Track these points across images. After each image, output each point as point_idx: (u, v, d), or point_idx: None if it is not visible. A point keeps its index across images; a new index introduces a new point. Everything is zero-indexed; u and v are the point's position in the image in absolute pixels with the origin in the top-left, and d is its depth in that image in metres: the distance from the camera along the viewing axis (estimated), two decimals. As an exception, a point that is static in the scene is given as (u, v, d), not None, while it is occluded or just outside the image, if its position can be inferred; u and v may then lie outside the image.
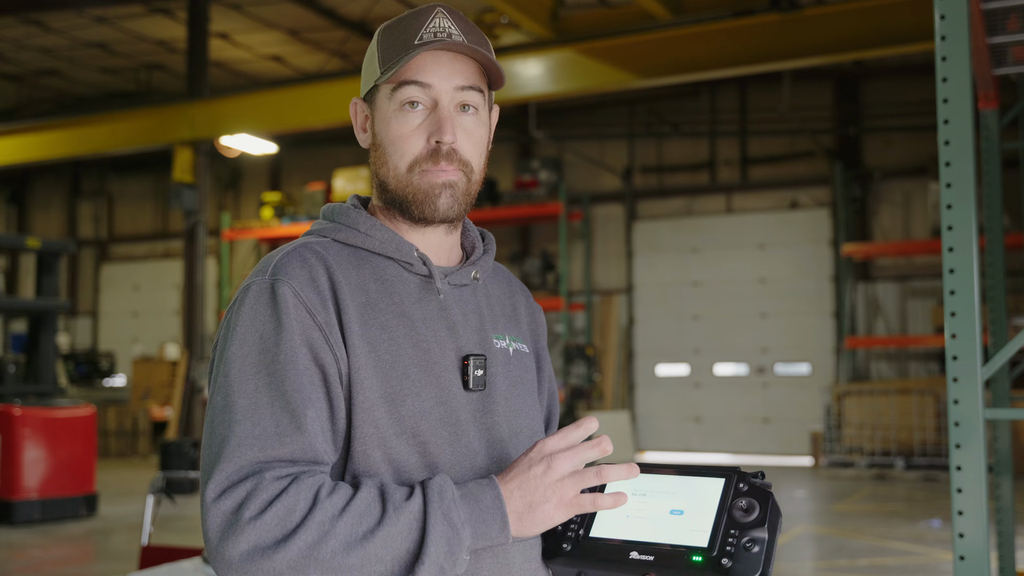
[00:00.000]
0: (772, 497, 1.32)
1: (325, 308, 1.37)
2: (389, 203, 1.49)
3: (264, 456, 1.28)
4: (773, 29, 10.14)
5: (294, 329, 1.34)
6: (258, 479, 1.26)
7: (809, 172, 15.97)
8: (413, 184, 1.45)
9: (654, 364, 16.76)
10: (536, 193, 15.92)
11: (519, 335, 1.60)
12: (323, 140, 18.02)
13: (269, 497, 1.25)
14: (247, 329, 1.36)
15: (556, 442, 1.32)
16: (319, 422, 1.33)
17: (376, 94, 1.48)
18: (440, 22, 1.45)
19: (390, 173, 1.47)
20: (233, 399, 1.32)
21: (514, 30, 11.98)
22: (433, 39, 1.43)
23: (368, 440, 1.36)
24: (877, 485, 12.19)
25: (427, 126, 1.45)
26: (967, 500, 2.33)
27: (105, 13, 14.31)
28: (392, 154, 1.46)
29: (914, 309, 15.31)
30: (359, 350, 1.37)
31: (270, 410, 1.30)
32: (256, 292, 1.37)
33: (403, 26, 1.46)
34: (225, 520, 1.25)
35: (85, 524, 9.39)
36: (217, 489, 1.26)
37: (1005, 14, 3.38)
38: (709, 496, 1.34)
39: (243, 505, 1.24)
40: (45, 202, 22.21)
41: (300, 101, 12.68)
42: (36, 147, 14.54)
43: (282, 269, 1.38)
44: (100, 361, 19.02)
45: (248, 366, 1.33)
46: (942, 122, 2.40)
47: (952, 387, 2.36)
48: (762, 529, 1.29)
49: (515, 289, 1.66)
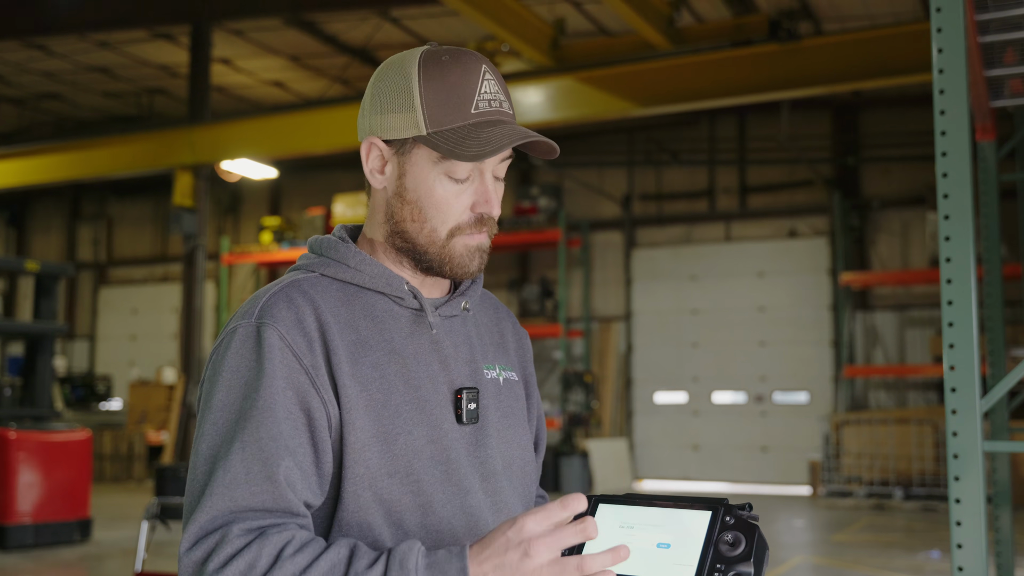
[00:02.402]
0: (758, 530, 1.31)
1: (312, 351, 1.35)
2: (404, 252, 1.47)
3: (235, 506, 1.28)
4: (772, 59, 10.21)
5: (277, 374, 1.33)
6: (225, 531, 1.26)
7: (808, 201, 16.01)
8: (450, 248, 1.44)
9: (652, 392, 16.72)
10: (535, 220, 15.95)
11: (508, 363, 1.59)
12: (323, 165, 18.07)
13: (232, 551, 1.24)
14: (231, 375, 1.35)
15: (537, 524, 1.20)
16: (297, 470, 1.31)
17: (412, 148, 1.43)
18: (490, 87, 1.44)
19: (423, 233, 1.44)
20: (215, 448, 1.32)
21: (515, 58, 12.05)
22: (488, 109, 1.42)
23: (359, 481, 1.35)
24: (876, 515, 12.13)
25: (472, 195, 1.44)
26: (966, 533, 2.32)
27: (108, 38, 14.39)
28: (432, 216, 1.43)
29: (912, 338, 15.30)
30: (350, 390, 1.36)
31: (241, 457, 1.29)
32: (242, 336, 1.36)
33: (451, 83, 1.41)
34: (194, 571, 1.26)
35: (79, 549, 9.32)
36: (190, 539, 1.27)
37: (1002, 47, 3.41)
38: (695, 529, 1.33)
39: (210, 557, 1.25)
40: (45, 225, 22.23)
41: (301, 126, 12.72)
42: (37, 170, 14.57)
43: (268, 312, 1.36)
44: (97, 385, 18.96)
45: (231, 413, 1.33)
46: (940, 154, 2.41)
47: (951, 419, 2.36)
48: (748, 564, 1.28)
49: (501, 315, 1.65)
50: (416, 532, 1.37)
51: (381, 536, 1.36)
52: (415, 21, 13.45)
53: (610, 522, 1.39)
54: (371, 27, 13.68)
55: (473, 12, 9.75)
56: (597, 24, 13.25)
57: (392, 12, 13.17)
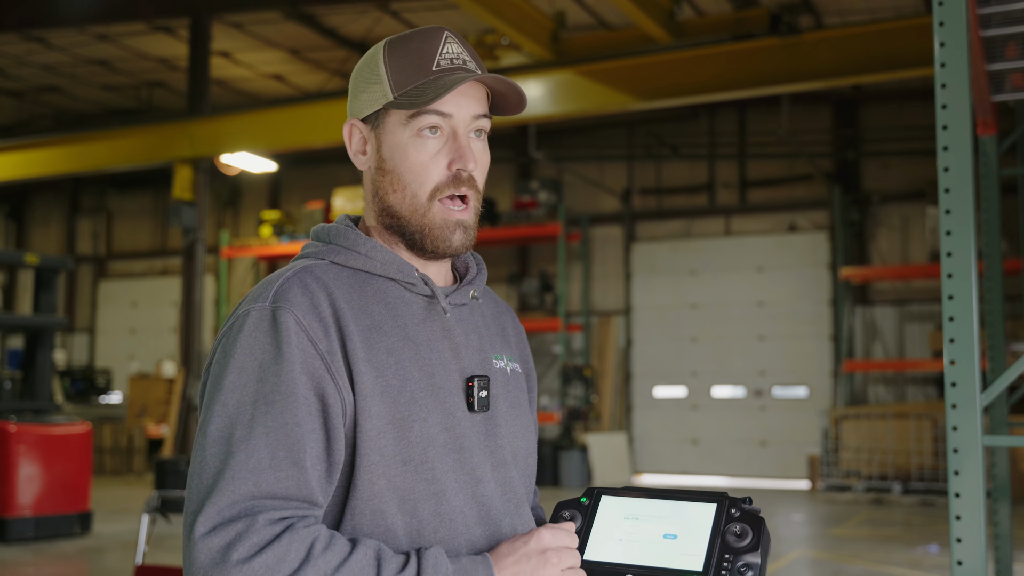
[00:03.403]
0: (764, 523, 1.33)
1: (327, 336, 1.34)
2: (394, 230, 1.47)
3: (258, 491, 1.25)
4: (772, 53, 10.20)
5: (295, 359, 1.31)
6: (251, 520, 1.22)
7: (807, 195, 16.00)
8: (431, 214, 1.44)
9: (652, 386, 16.73)
10: (535, 214, 15.94)
11: (511, 354, 1.60)
12: (322, 159, 18.05)
13: (261, 542, 1.21)
14: (246, 357, 1.32)
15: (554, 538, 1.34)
16: (317, 457, 1.30)
17: (384, 117, 1.45)
18: (452, 47, 1.44)
19: (406, 201, 1.44)
20: (229, 429, 1.28)
21: (515, 52, 12.03)
22: (451, 66, 1.42)
23: (373, 468, 1.34)
24: (874, 509, 12.15)
25: (447, 153, 1.43)
26: (966, 527, 2.32)
27: (107, 31, 14.37)
28: (410, 181, 1.43)
29: (912, 333, 15.30)
30: (365, 376, 1.35)
31: (266, 442, 1.27)
32: (256, 319, 1.34)
33: (413, 49, 1.44)
34: (213, 558, 1.22)
35: (79, 542, 9.33)
36: (208, 524, 1.23)
37: (1004, 41, 3.40)
38: (702, 521, 1.34)
39: (233, 545, 1.21)
40: (44, 218, 22.21)
41: (300, 120, 12.71)
42: (36, 163, 14.56)
43: (283, 295, 1.35)
44: (96, 378, 18.97)
45: (247, 396, 1.30)
46: (942, 149, 2.41)
47: (951, 413, 2.36)
48: (755, 554, 1.29)
49: (501, 310, 1.65)
50: (429, 520, 1.37)
51: (394, 524, 1.35)
52: (414, 14, 13.43)
53: (615, 513, 1.40)
54: (371, 20, 13.66)
55: (472, 5, 9.73)
56: (597, 17, 13.24)
57: (392, 5, 13.16)
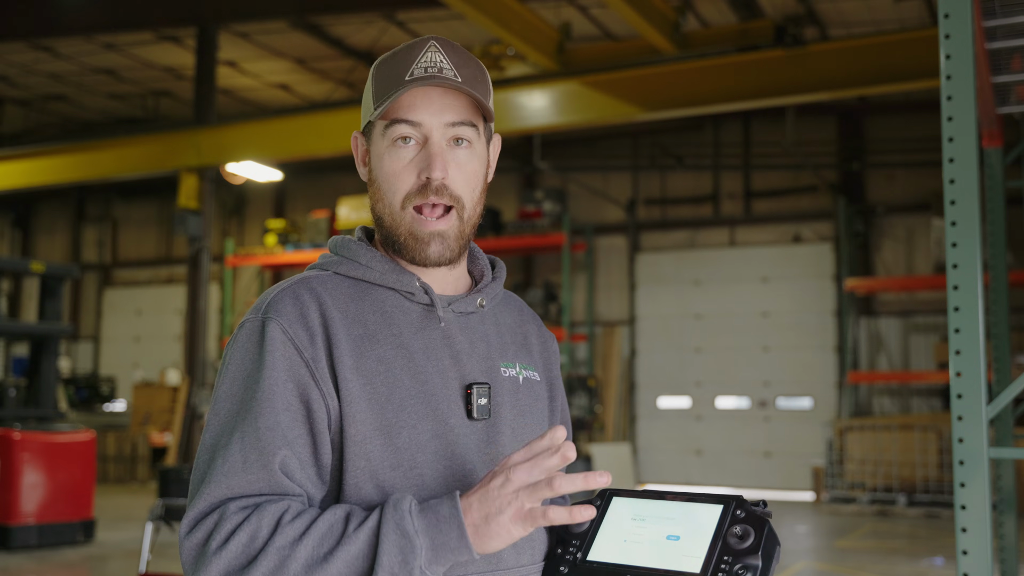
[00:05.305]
0: (768, 524, 1.31)
1: (313, 344, 1.38)
2: (384, 240, 1.51)
3: (231, 492, 1.31)
4: (777, 65, 10.21)
5: (278, 366, 1.36)
6: (222, 510, 1.29)
7: (812, 207, 16.00)
8: (405, 223, 1.46)
9: (656, 396, 16.71)
10: (540, 224, 15.95)
11: (531, 363, 1.59)
12: (328, 168, 18.09)
13: (232, 527, 1.28)
14: (237, 368, 1.39)
15: (519, 454, 1.28)
16: (295, 460, 1.34)
17: (372, 130, 1.49)
18: (432, 56, 1.45)
19: (385, 209, 1.47)
20: (216, 438, 1.36)
21: (520, 62, 12.06)
22: (423, 75, 1.42)
23: (360, 473, 1.37)
24: (879, 521, 12.11)
25: (418, 162, 1.45)
26: (972, 539, 2.32)
27: (114, 40, 14.42)
28: (387, 191, 1.46)
29: (916, 344, 15.28)
30: (352, 384, 1.38)
31: (240, 447, 1.33)
32: (248, 331, 1.41)
33: (396, 61, 1.46)
34: (195, 552, 1.29)
35: (82, 550, 9.32)
36: (188, 524, 1.31)
37: (1009, 54, 3.41)
38: (706, 522, 1.34)
39: (210, 537, 1.28)
40: (50, 226, 22.27)
41: (306, 129, 12.74)
42: (42, 172, 14.60)
43: (273, 307, 1.41)
44: (101, 386, 18.99)
45: (234, 405, 1.37)
46: (948, 160, 2.41)
47: (957, 425, 2.36)
48: (756, 556, 1.28)
49: (526, 318, 1.65)
50: None
51: None
52: (421, 24, 13.48)
53: (623, 515, 1.40)
54: (377, 30, 13.70)
55: (478, 15, 9.76)
56: (603, 29, 13.27)
57: (398, 15, 13.20)
